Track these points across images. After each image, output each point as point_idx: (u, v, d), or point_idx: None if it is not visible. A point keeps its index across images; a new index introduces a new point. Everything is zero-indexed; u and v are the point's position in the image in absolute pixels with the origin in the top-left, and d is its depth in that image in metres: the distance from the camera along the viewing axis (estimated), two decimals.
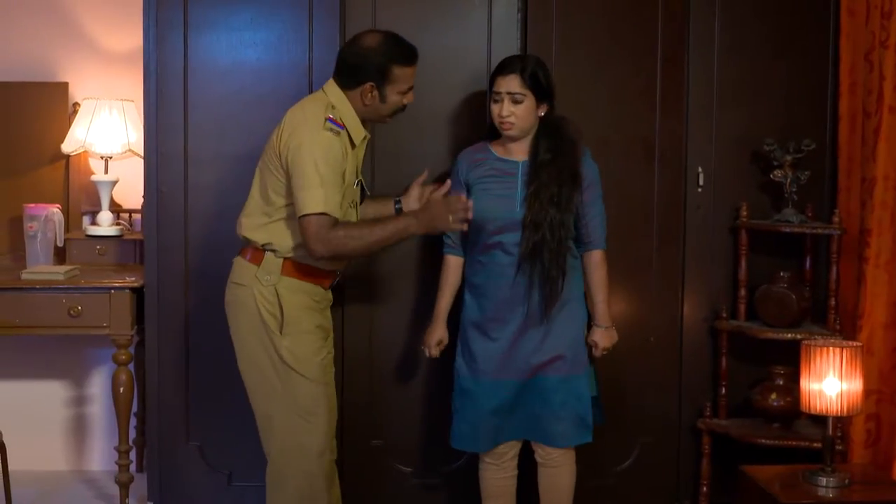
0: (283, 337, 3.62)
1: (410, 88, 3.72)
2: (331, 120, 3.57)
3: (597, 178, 3.92)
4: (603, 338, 3.96)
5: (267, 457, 3.74)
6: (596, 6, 4.36)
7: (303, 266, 3.66)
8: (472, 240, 3.94)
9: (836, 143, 4.40)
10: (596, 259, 3.95)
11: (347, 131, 3.64)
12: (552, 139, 3.85)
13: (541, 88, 3.82)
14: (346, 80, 3.67)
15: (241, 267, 3.72)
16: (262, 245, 3.65)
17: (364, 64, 3.64)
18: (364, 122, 3.73)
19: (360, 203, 3.86)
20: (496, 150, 3.94)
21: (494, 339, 3.88)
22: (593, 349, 3.96)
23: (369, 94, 3.65)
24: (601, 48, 4.37)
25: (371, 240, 3.58)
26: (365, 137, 3.76)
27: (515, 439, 3.97)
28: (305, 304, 3.68)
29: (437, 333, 4.00)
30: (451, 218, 3.58)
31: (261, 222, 3.67)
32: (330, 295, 3.85)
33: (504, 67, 3.85)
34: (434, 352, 4.01)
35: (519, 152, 3.89)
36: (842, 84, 4.34)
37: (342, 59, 3.71)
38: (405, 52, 3.69)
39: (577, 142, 3.87)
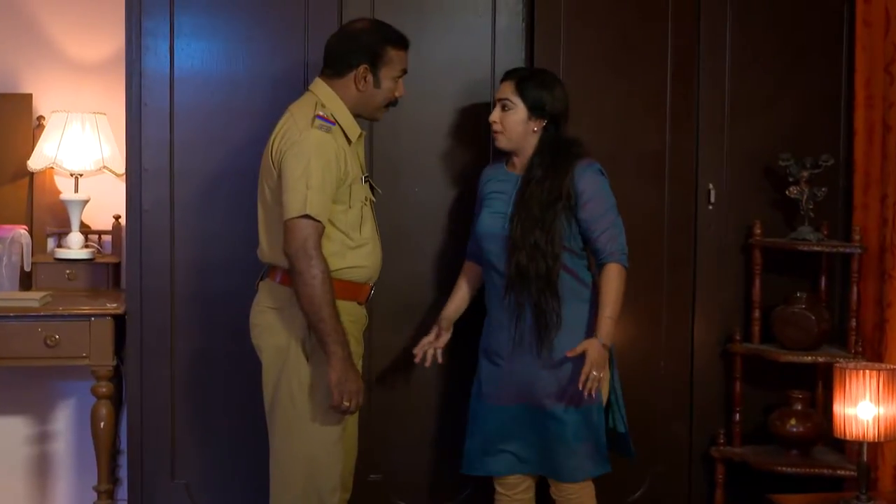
0: (309, 363, 3.38)
1: (403, 74, 3.51)
2: (320, 117, 3.35)
3: (600, 192, 3.63)
4: (592, 348, 3.49)
5: (273, 477, 3.47)
6: (604, 17, 4.19)
7: (336, 282, 3.35)
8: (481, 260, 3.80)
9: (850, 159, 4.26)
10: (606, 272, 3.60)
11: (341, 128, 3.42)
12: (546, 156, 3.64)
13: (532, 101, 3.62)
14: (338, 67, 3.45)
15: (273, 290, 3.45)
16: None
17: (356, 46, 3.44)
18: (357, 118, 3.50)
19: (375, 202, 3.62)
20: (507, 164, 3.77)
21: (495, 363, 3.73)
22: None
23: (363, 80, 3.43)
24: (609, 61, 4.19)
25: (320, 307, 3.25)
26: (361, 134, 3.52)
27: (532, 473, 3.76)
28: None
29: (432, 335, 3.80)
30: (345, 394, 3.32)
31: (280, 242, 3.37)
32: (365, 313, 3.59)
33: (505, 74, 3.74)
34: (419, 354, 3.78)
35: (522, 168, 3.71)
36: (857, 97, 4.21)
37: (331, 47, 3.50)
38: (397, 35, 3.51)
39: (572, 161, 3.63)
